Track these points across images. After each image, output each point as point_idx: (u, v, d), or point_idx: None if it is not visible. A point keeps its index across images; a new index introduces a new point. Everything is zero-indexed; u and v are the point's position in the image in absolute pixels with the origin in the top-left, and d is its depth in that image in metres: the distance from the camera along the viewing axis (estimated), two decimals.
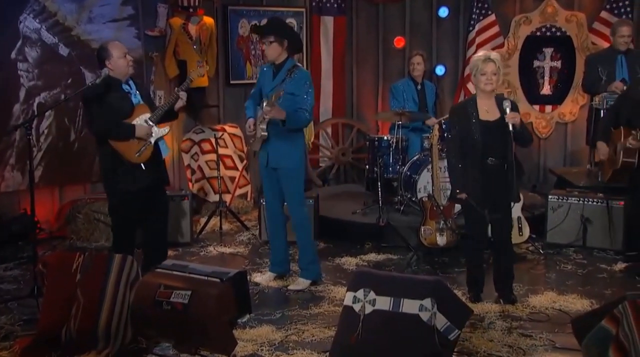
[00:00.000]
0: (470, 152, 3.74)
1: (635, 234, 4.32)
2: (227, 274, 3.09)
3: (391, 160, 5.64)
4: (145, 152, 4.06)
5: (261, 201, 5.28)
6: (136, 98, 4.11)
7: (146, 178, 4.07)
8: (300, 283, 4.30)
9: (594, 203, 4.91)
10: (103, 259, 3.31)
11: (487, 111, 3.72)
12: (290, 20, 6.69)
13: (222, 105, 6.65)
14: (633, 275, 4.32)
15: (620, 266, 4.46)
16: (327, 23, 6.94)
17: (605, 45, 6.05)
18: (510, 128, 3.59)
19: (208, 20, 6.19)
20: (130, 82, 4.12)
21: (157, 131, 4.10)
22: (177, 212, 5.26)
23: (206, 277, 3.06)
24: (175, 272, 3.15)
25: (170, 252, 5.04)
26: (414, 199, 5.35)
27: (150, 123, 4.07)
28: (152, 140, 4.08)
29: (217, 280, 3.04)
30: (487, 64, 3.66)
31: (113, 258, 3.29)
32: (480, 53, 3.78)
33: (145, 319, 3.09)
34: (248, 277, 4.18)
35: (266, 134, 4.09)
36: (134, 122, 4.03)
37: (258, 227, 5.42)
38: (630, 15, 6.37)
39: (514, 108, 3.75)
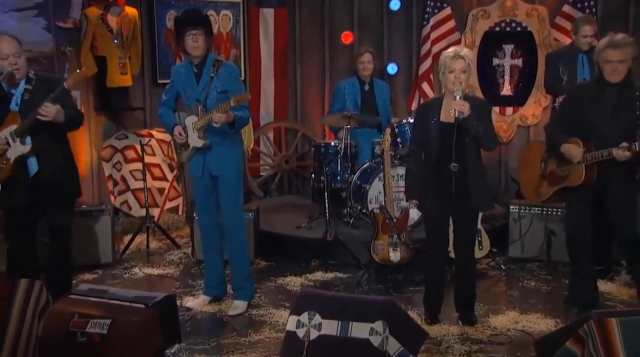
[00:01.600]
0: (432, 155, 3.82)
1: (601, 248, 4.48)
2: (154, 298, 3.05)
3: (339, 168, 5.70)
4: (4, 171, 3.94)
5: (194, 215, 5.25)
6: (16, 104, 3.95)
7: (16, 199, 3.97)
8: (239, 306, 4.30)
9: (559, 213, 5.08)
10: (5, 285, 3.20)
11: (450, 113, 3.79)
12: (226, 13, 6.68)
13: (149, 107, 6.55)
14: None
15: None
16: (267, 16, 6.96)
17: (568, 41, 6.27)
18: (455, 114, 3.66)
19: (131, 11, 6.10)
20: (22, 83, 3.96)
21: (16, 148, 3.92)
22: (97, 230, 5.16)
23: (129, 304, 3.02)
24: (92, 299, 3.09)
25: (88, 276, 4.93)
26: (364, 211, 5.41)
27: (12, 137, 3.91)
28: (11, 157, 3.94)
29: (142, 306, 3.00)
30: (456, 61, 3.72)
31: (18, 284, 3.19)
32: (450, 49, 3.85)
33: (56, 353, 3.01)
34: (178, 301, 4.14)
35: (208, 141, 4.14)
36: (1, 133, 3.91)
37: (191, 244, 5.38)
38: (594, 10, 6.64)
39: (484, 110, 3.83)
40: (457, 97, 3.70)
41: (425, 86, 6.84)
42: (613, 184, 4.00)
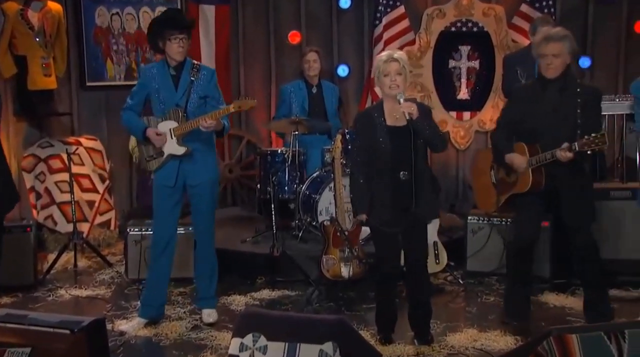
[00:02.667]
0: (379, 163, 3.85)
1: (563, 259, 4.59)
2: (80, 323, 2.97)
3: (287, 178, 5.71)
4: None
5: (128, 230, 5.17)
6: None
7: None
8: (212, 314, 4.44)
9: None
10: None
11: (395, 117, 3.85)
12: (161, 9, 6.63)
13: (76, 112, 6.45)
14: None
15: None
16: (208, 13, 6.92)
17: (526, 43, 6.44)
18: (406, 116, 3.71)
19: (54, 6, 5.99)
20: None
21: None
22: (17, 248, 5.01)
23: (52, 329, 2.93)
24: (9, 325, 2.99)
25: (5, 300, 4.80)
26: (314, 223, 5.43)
27: None
28: None
29: (67, 332, 2.92)
30: (390, 64, 3.79)
31: None
32: (383, 53, 3.92)
33: None
34: (109, 325, 4.07)
35: (190, 148, 4.22)
36: None
37: (124, 262, 5.31)
38: (552, 10, 6.86)
39: (426, 111, 3.90)
40: (402, 100, 3.76)
41: (378, 90, 6.85)
42: (564, 184, 4.11)
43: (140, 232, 5.15)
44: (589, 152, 3.92)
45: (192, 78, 4.22)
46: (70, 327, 2.93)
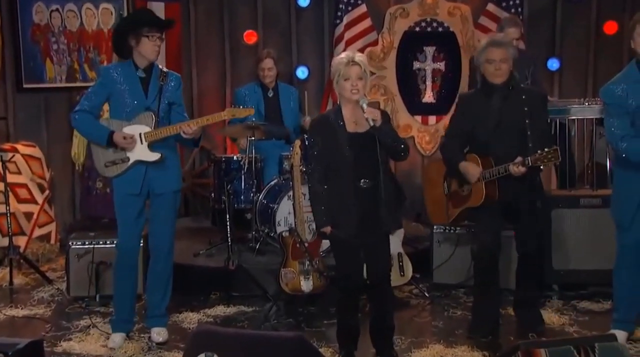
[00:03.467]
0: (340, 172, 3.86)
1: (525, 272, 4.65)
2: (16, 346, 2.92)
3: (243, 186, 5.69)
4: None
5: (70, 243, 5.11)
6: None
7: None
8: (163, 332, 4.43)
9: None
10: None
11: (355, 123, 3.86)
12: (107, 7, 6.56)
13: (12, 116, 6.36)
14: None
15: None
16: (157, 11, 6.78)
17: None
18: (370, 123, 3.74)
19: None
20: None
21: None
22: None
23: None
24: None
25: None
26: (272, 234, 5.42)
27: None
28: None
29: (0, 355, 2.85)
30: (351, 67, 3.78)
31: None
32: (342, 55, 3.92)
33: None
34: (49, 347, 4.00)
35: (162, 155, 4.25)
36: None
37: (66, 279, 5.23)
38: (519, 9, 7.00)
39: (386, 118, 3.91)
40: (364, 106, 3.77)
41: None
42: (517, 195, 4.24)
43: (83, 246, 5.08)
44: (541, 167, 4.08)
45: (161, 83, 4.26)
46: (4, 351, 2.88)
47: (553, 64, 7.24)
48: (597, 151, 5.61)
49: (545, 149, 3.98)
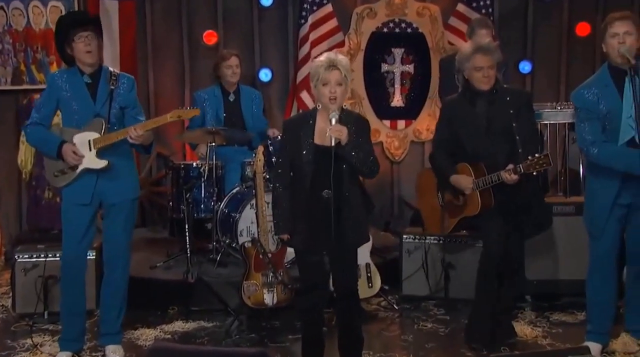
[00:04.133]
0: (300, 181, 3.86)
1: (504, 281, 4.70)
2: None
3: (203, 195, 5.68)
4: None
5: (16, 257, 5.04)
6: None
7: None
8: (118, 351, 4.39)
9: (457, 243, 5.31)
10: None
11: (326, 134, 3.79)
12: (56, 4, 6.48)
13: None
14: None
15: None
16: (110, 9, 6.81)
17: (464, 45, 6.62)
18: (332, 142, 3.69)
19: None
20: None
21: None
22: None
23: None
24: None
25: None
26: (234, 245, 5.41)
27: None
28: None
29: None
30: (331, 72, 3.74)
31: None
32: (323, 57, 3.85)
33: None
34: None
35: (111, 162, 4.22)
36: None
37: (11, 294, 5.17)
38: (490, 10, 7.09)
39: (362, 128, 3.89)
40: (333, 121, 3.72)
41: (304, 95, 6.95)
42: (514, 196, 4.28)
43: (30, 259, 5.01)
44: (534, 173, 4.15)
45: (112, 86, 4.23)
46: None
47: (525, 67, 7.35)
48: (570, 157, 5.70)
49: (536, 155, 4.09)
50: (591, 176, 4.22)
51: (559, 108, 5.61)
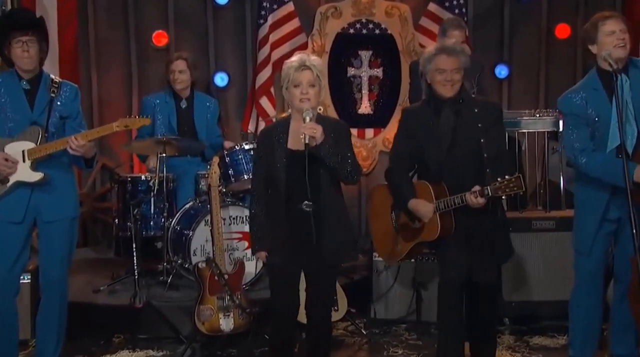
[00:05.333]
0: (275, 192, 3.87)
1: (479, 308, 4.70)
2: None
3: (152, 211, 5.65)
4: None
5: None
6: None
7: None
8: None
9: (430, 261, 5.30)
10: None
11: (300, 138, 3.82)
12: None
13: None
14: None
15: None
16: (48, 6, 6.72)
17: None
18: (305, 140, 3.72)
19: None
20: None
21: None
22: None
23: None
24: None
25: None
26: (186, 265, 5.38)
27: None
28: None
29: None
30: (302, 72, 3.79)
31: None
32: (294, 57, 3.90)
33: None
34: None
35: (45, 175, 4.18)
36: None
37: None
38: (464, 10, 7.16)
39: (341, 132, 3.92)
40: (307, 119, 3.76)
41: (264, 102, 6.96)
42: (476, 223, 4.20)
43: None
44: (503, 197, 4.04)
45: (52, 94, 4.20)
46: None
47: (501, 71, 7.45)
48: (550, 168, 5.74)
49: (507, 177, 3.95)
50: (579, 188, 4.23)
51: (538, 116, 5.64)
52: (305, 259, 3.88)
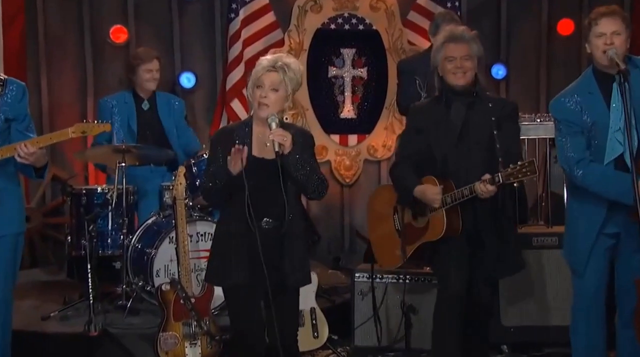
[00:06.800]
0: (235, 206, 3.85)
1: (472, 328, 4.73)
2: None
3: (110, 227, 5.64)
4: None
5: None
6: None
7: None
8: None
9: (420, 281, 5.31)
10: None
11: (265, 145, 3.85)
12: None
13: None
14: None
15: None
16: None
17: (425, 45, 6.68)
18: (275, 148, 3.72)
19: None
20: None
21: None
22: None
23: None
24: None
25: None
26: (148, 288, 5.36)
27: None
28: None
29: None
30: (267, 74, 3.80)
31: None
32: (268, 56, 3.92)
33: None
34: None
35: None
36: None
37: None
38: (457, 4, 7.21)
39: (306, 142, 3.93)
40: (274, 125, 3.76)
41: (236, 105, 6.97)
42: (485, 225, 4.28)
43: None
44: (515, 184, 4.11)
45: None
46: None
47: (498, 72, 7.49)
48: (552, 179, 5.76)
49: (519, 163, 4.01)
50: (573, 200, 4.23)
51: (539, 120, 5.66)
52: (264, 282, 3.83)
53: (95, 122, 4.51)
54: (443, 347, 4.35)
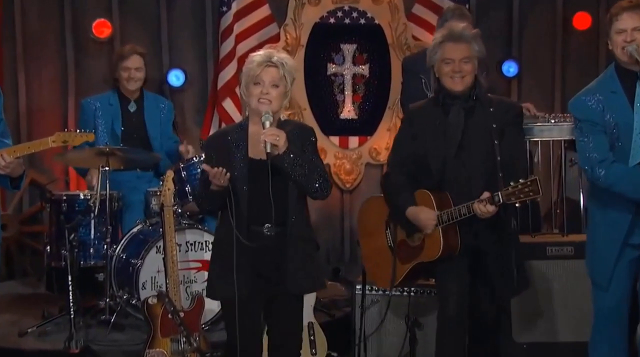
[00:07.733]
0: (231, 212, 3.86)
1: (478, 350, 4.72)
2: None
3: (93, 236, 5.64)
4: None
5: None
6: None
7: None
8: None
9: (426, 294, 5.27)
10: None
11: (262, 146, 3.82)
12: None
13: None
14: None
15: None
16: None
17: (431, 40, 6.68)
18: (267, 148, 3.73)
19: None
20: None
21: None
22: None
23: None
24: None
25: None
26: (133, 302, 5.36)
27: None
28: None
29: None
30: (265, 69, 3.82)
31: None
32: (260, 52, 3.94)
33: None
34: None
35: None
36: None
37: None
38: None
39: (307, 137, 3.94)
40: (267, 124, 3.78)
41: (228, 105, 6.97)
42: (485, 240, 4.25)
43: None
44: (517, 205, 4.06)
45: None
46: None
47: (510, 69, 7.49)
48: (567, 184, 5.76)
49: (521, 181, 3.97)
50: (594, 207, 4.20)
51: (553, 121, 5.63)
52: (266, 292, 3.89)
53: (78, 131, 4.51)
54: None
